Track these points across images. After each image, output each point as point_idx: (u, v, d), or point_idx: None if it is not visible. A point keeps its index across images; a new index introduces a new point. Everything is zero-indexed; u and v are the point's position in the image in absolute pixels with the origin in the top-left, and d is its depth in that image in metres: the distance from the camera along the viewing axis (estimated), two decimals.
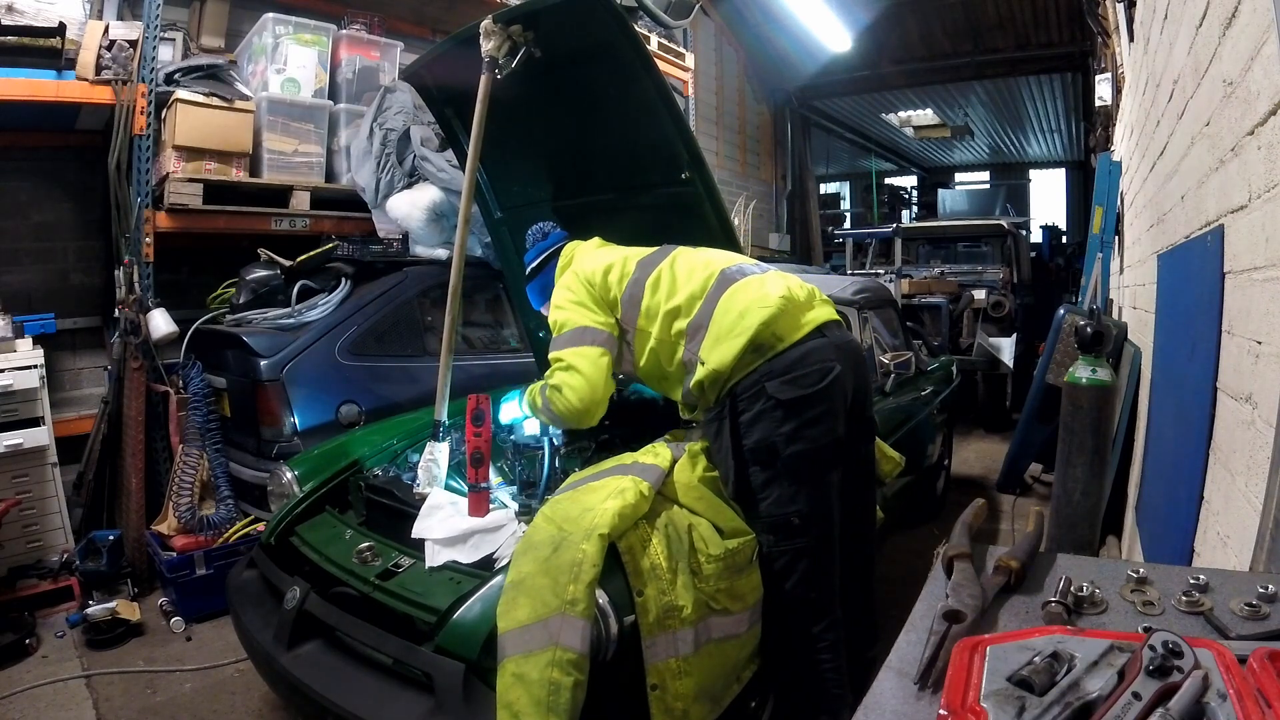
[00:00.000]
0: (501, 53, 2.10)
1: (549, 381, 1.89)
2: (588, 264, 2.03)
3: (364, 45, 3.97)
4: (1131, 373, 2.78)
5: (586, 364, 1.86)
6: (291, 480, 2.21)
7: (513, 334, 3.61)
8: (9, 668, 2.49)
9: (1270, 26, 0.98)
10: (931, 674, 0.66)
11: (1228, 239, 1.27)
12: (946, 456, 4.29)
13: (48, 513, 2.98)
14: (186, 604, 2.83)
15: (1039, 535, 0.92)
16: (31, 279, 3.55)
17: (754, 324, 1.73)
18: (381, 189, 3.61)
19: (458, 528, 1.74)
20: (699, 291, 1.86)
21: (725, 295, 1.82)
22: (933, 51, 9.32)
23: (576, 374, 1.85)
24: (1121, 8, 3.83)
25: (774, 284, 1.84)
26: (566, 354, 1.88)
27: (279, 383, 2.87)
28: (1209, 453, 1.35)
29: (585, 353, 1.88)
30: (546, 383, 1.91)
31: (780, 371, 1.72)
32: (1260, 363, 1.06)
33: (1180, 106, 1.77)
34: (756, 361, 1.74)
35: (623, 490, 1.55)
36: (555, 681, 1.32)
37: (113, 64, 3.09)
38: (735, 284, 1.84)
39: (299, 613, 1.75)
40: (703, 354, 1.78)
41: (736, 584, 1.59)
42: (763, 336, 1.73)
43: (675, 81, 5.54)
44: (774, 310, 1.75)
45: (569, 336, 1.91)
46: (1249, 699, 0.53)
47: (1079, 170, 13.67)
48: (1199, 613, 0.73)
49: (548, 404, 1.90)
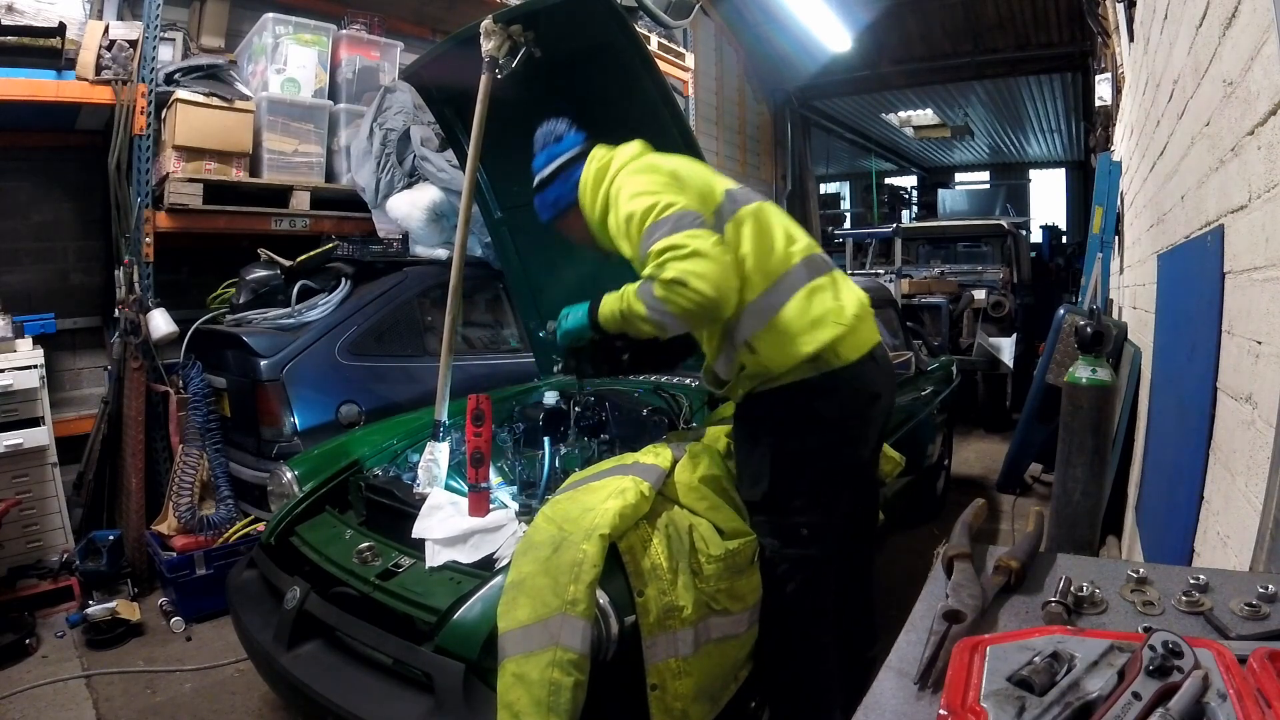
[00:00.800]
0: (502, 53, 2.10)
1: (659, 276, 1.53)
2: (659, 159, 1.78)
3: (364, 45, 3.97)
4: (1131, 373, 2.78)
5: (708, 245, 1.53)
6: (291, 480, 2.20)
7: (513, 334, 3.61)
8: (9, 668, 2.49)
9: (1270, 26, 0.98)
10: (931, 674, 0.66)
11: (1228, 239, 1.27)
12: (946, 456, 4.29)
13: (48, 513, 2.98)
14: (186, 604, 2.83)
15: (1039, 535, 0.92)
16: (31, 279, 3.55)
17: (824, 340, 1.64)
18: (381, 189, 3.61)
19: (458, 528, 1.74)
20: (776, 270, 1.67)
21: (802, 292, 1.67)
22: (933, 51, 9.32)
23: (701, 258, 1.51)
24: (1121, 8, 3.83)
25: (849, 298, 1.72)
26: (677, 238, 1.53)
27: (279, 383, 2.87)
28: (1209, 453, 1.35)
29: (699, 234, 1.54)
30: (654, 278, 1.55)
31: (831, 390, 1.67)
32: (1260, 363, 1.06)
33: (1180, 106, 1.77)
34: (809, 373, 1.65)
35: (623, 490, 1.54)
36: (556, 682, 1.31)
37: (113, 64, 3.09)
38: (813, 282, 1.69)
39: (299, 613, 1.75)
40: (757, 342, 1.65)
41: (737, 584, 1.59)
42: (825, 353, 1.65)
43: (675, 81, 5.54)
44: (846, 330, 1.66)
45: (669, 221, 1.57)
46: (1249, 699, 0.53)
47: (1079, 170, 13.67)
48: (1199, 613, 0.73)
49: (660, 304, 1.54)
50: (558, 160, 1.86)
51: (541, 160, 1.89)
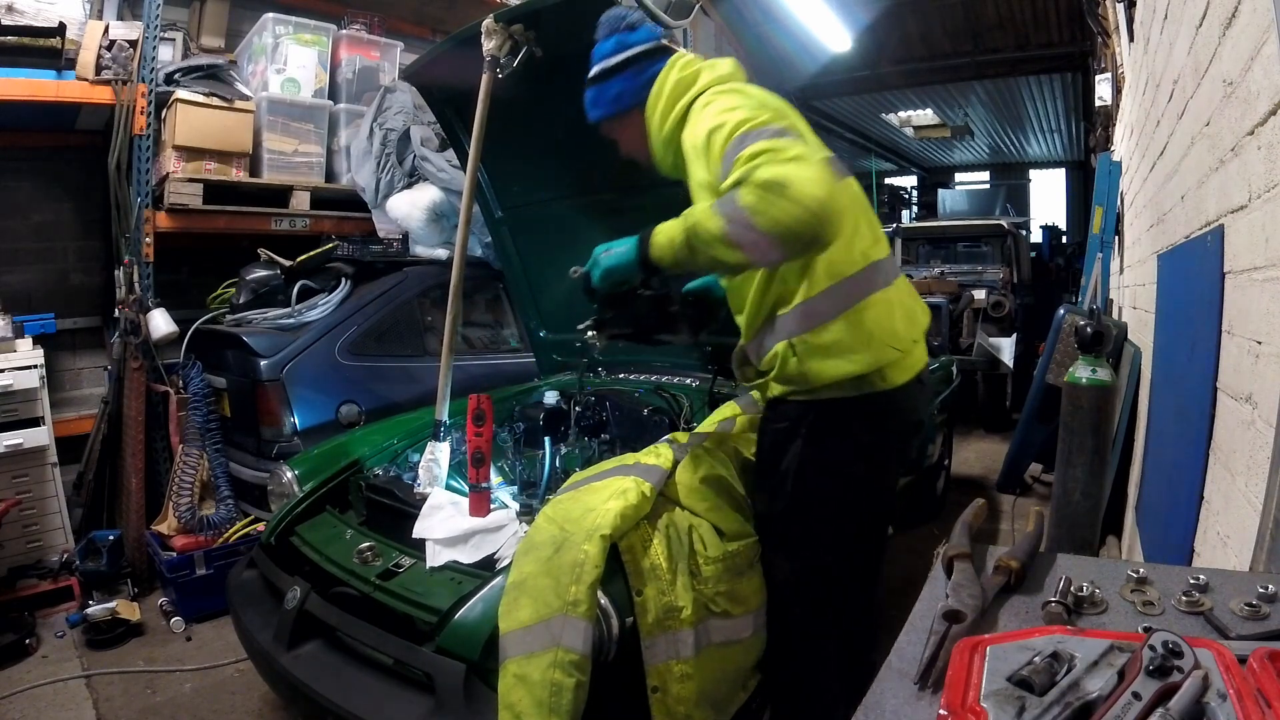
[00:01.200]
0: (503, 52, 2.10)
1: (751, 179, 1.23)
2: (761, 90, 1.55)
3: (364, 45, 3.97)
4: (1131, 373, 2.78)
5: (810, 150, 1.28)
6: (291, 480, 2.21)
7: (513, 334, 3.61)
8: (9, 668, 2.49)
9: (1270, 26, 0.98)
10: (931, 674, 0.66)
11: (1228, 239, 1.27)
12: (946, 456, 4.29)
13: (48, 513, 2.98)
14: (186, 604, 2.83)
15: (1039, 535, 0.92)
16: (31, 279, 3.56)
17: (874, 362, 1.49)
18: (381, 189, 3.61)
19: (459, 528, 1.73)
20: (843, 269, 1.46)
21: (862, 304, 1.48)
22: (933, 51, 9.31)
23: (807, 164, 1.22)
24: (1121, 8, 3.83)
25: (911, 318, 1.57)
26: (776, 142, 1.26)
27: (279, 383, 2.87)
28: (1209, 453, 1.35)
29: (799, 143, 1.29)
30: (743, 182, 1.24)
31: (872, 413, 1.54)
32: (1260, 363, 1.06)
33: (1180, 106, 1.77)
34: (850, 392, 1.50)
35: (625, 491, 1.54)
36: (557, 683, 1.31)
37: (113, 64, 3.09)
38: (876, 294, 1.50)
39: (299, 613, 1.75)
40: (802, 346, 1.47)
41: (737, 586, 1.58)
42: (872, 375, 1.50)
43: None
44: (901, 354, 1.52)
45: (769, 131, 1.31)
46: (1249, 699, 0.53)
47: (1079, 170, 13.67)
48: (1199, 613, 0.73)
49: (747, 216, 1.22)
50: (631, 50, 1.59)
51: (609, 47, 1.61)
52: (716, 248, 1.28)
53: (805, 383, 1.51)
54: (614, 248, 1.48)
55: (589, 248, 1.92)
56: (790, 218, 1.20)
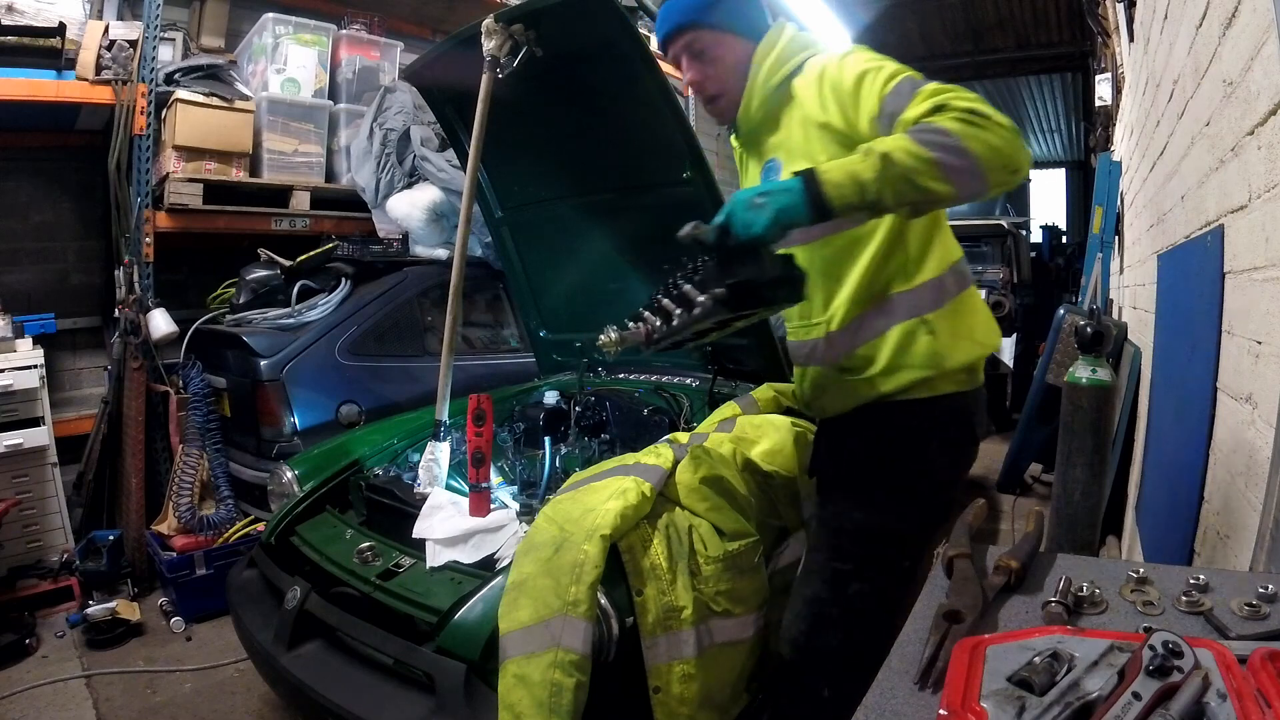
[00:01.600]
0: (503, 52, 2.10)
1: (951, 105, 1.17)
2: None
3: (364, 45, 3.97)
4: (1131, 373, 2.78)
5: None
6: (291, 480, 2.21)
7: (513, 334, 3.61)
8: (9, 668, 2.49)
9: (1270, 26, 0.98)
10: (931, 674, 0.66)
11: (1228, 239, 1.27)
12: None
13: (48, 513, 2.98)
14: (186, 604, 2.83)
15: (1039, 535, 0.92)
16: (31, 279, 3.55)
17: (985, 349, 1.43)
18: (381, 189, 3.61)
19: (459, 528, 1.73)
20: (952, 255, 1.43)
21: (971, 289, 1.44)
22: (933, 51, 9.32)
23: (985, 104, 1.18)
24: (1121, 8, 3.84)
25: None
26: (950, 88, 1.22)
27: (279, 383, 2.87)
28: (1209, 453, 1.35)
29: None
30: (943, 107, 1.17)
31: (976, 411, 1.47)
32: (1260, 363, 1.06)
33: (1180, 106, 1.77)
34: (966, 385, 1.42)
35: (625, 491, 1.54)
36: (557, 683, 1.31)
37: (113, 64, 3.09)
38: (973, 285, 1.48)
39: (299, 613, 1.75)
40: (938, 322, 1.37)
41: (738, 586, 1.58)
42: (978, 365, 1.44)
43: (676, 81, 5.53)
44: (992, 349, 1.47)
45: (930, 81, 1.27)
46: (1249, 699, 0.53)
47: (1079, 170, 13.66)
48: (1199, 613, 0.73)
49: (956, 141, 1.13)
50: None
51: None
52: (923, 178, 1.14)
53: (940, 365, 1.37)
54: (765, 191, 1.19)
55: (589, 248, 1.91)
56: (1002, 140, 1.14)
